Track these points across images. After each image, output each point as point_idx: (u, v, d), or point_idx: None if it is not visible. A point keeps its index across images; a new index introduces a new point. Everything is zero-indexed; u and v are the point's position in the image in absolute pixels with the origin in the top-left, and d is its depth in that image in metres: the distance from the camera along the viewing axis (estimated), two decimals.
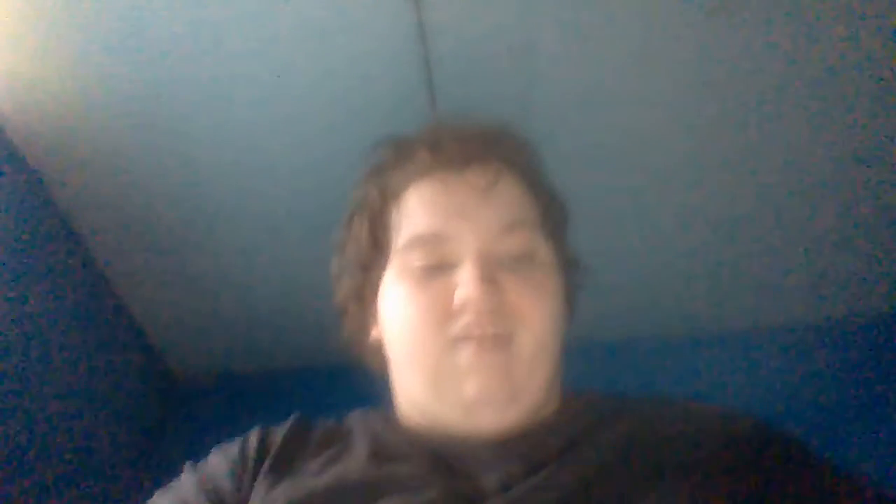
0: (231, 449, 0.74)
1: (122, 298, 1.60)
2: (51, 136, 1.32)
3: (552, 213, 0.77)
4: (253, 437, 0.75)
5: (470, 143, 0.75)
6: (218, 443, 0.77)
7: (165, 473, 0.73)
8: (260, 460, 0.72)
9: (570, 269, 0.78)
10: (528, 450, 0.66)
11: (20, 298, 1.33)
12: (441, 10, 1.14)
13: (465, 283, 0.68)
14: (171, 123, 1.30)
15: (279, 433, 0.75)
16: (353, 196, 0.81)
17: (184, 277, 1.57)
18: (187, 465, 0.75)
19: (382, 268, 0.75)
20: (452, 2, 1.13)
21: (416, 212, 0.73)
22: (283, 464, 0.72)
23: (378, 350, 0.78)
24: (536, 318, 0.70)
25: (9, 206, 1.33)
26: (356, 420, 0.78)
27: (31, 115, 1.29)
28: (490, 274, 0.68)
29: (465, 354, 0.67)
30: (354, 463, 0.70)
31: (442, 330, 0.68)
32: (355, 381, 0.82)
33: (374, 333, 0.78)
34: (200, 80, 1.25)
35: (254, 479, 0.71)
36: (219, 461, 0.74)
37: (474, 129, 0.77)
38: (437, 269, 0.70)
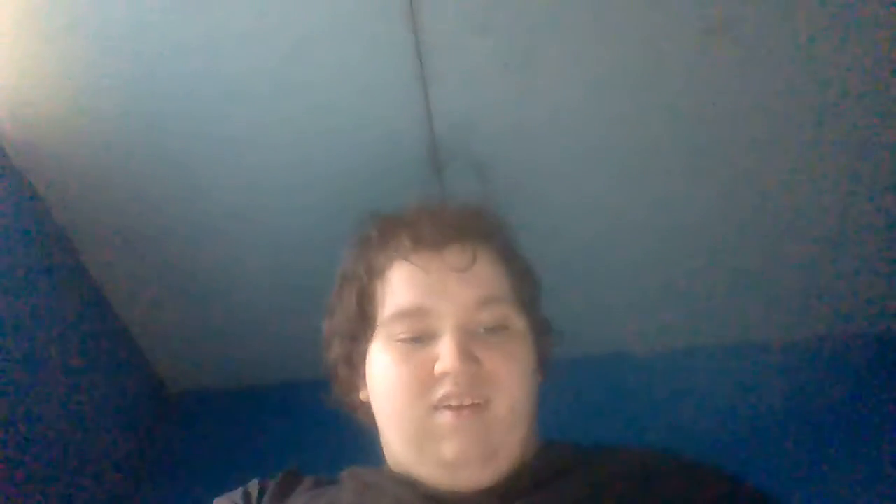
0: (234, 494, 0.85)
1: (115, 310, 1.60)
2: (45, 146, 1.32)
3: (525, 286, 0.84)
4: (253, 483, 0.86)
5: (448, 225, 0.82)
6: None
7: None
8: (260, 498, 0.83)
9: (543, 335, 0.85)
10: (507, 490, 0.73)
11: (13, 309, 1.33)
12: (439, 34, 1.17)
13: (445, 357, 0.75)
14: (166, 136, 1.32)
15: (274, 479, 0.86)
16: (341, 267, 0.87)
17: (178, 290, 1.58)
18: None
19: (370, 337, 0.82)
20: (449, 20, 1.16)
21: (400, 289, 0.80)
22: (279, 498, 0.82)
23: (367, 409, 0.85)
24: (510, 385, 0.76)
25: (2, 216, 1.33)
26: (346, 471, 0.86)
27: (25, 125, 1.29)
28: (467, 347, 0.75)
29: (444, 420, 0.74)
30: (344, 497, 0.79)
31: (423, 398, 0.75)
32: None
33: (362, 395, 0.86)
34: (195, 94, 1.26)
35: None
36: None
37: (452, 211, 0.84)
38: (419, 340, 0.77)
